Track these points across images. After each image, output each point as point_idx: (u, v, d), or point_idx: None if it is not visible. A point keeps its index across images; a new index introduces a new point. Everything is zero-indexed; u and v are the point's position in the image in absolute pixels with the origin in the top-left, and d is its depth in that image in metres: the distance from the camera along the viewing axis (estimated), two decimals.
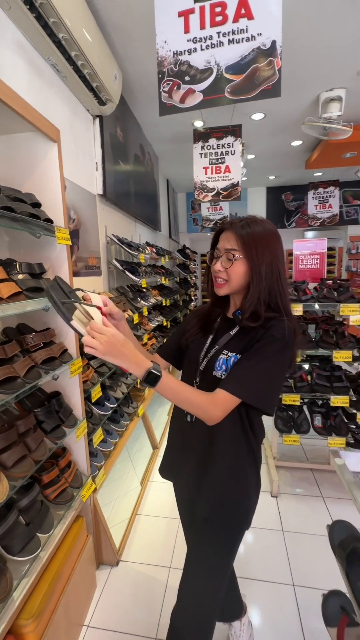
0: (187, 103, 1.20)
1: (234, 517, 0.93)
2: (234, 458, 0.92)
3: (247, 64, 1.10)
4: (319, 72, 2.65)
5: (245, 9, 1.09)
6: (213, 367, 0.90)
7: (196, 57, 1.16)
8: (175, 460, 1.05)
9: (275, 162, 5.00)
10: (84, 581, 1.46)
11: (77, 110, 2.17)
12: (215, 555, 0.95)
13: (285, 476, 2.35)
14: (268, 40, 1.09)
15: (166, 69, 1.22)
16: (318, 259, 2.19)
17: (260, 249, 0.85)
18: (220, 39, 1.12)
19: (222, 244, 0.90)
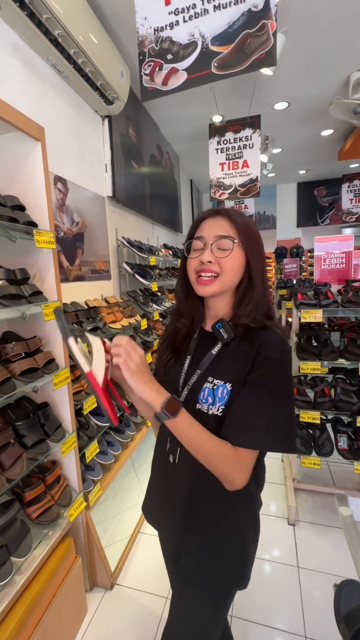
0: (170, 85, 1.07)
1: (226, 575, 0.78)
2: (227, 504, 0.75)
3: (236, 32, 0.94)
4: (348, 50, 2.38)
5: None
6: (196, 399, 0.73)
7: (178, 30, 1.03)
8: (158, 506, 0.88)
9: (305, 155, 4.67)
10: (70, 605, 1.37)
11: (83, 111, 2.12)
12: (201, 619, 0.81)
13: (306, 501, 2.10)
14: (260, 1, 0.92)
15: (147, 48, 1.10)
16: (344, 259, 1.93)
17: (255, 242, 0.74)
18: (204, 5, 0.97)
19: (211, 231, 0.73)
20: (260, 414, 0.66)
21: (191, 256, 0.75)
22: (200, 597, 0.80)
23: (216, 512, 0.76)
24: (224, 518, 0.77)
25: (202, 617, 0.80)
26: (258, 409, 0.66)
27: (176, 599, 0.86)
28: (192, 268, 0.75)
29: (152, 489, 0.92)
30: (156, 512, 0.89)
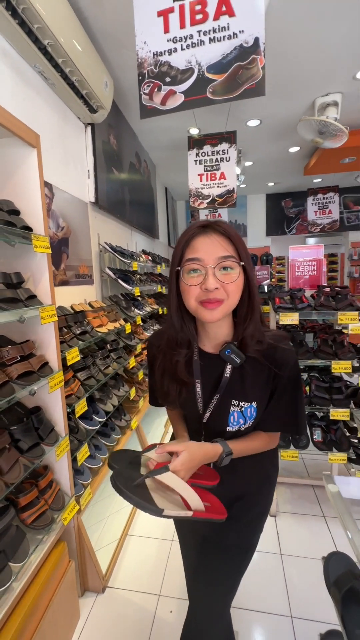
0: (168, 105, 1.16)
1: (258, 534, 0.95)
2: (260, 478, 0.92)
3: (229, 63, 1.05)
4: (314, 77, 2.62)
5: (226, 6, 1.05)
6: (227, 423, 0.79)
7: (176, 57, 1.12)
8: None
9: (274, 169, 4.97)
10: (64, 611, 1.37)
11: (68, 118, 2.15)
12: (236, 573, 0.92)
13: (285, 493, 2.24)
14: (251, 38, 1.04)
15: (146, 70, 1.18)
16: (315, 266, 2.11)
17: (247, 251, 0.72)
18: (200, 37, 1.08)
19: (209, 252, 0.66)
20: (283, 414, 0.80)
21: (190, 283, 0.67)
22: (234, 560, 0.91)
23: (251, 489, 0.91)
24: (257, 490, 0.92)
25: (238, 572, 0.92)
26: (282, 411, 0.80)
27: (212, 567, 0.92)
28: (192, 297, 0.68)
29: None
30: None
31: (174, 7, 1.09)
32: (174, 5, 1.09)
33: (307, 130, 2.87)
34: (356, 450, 1.97)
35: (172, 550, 1.81)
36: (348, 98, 2.87)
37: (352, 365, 1.88)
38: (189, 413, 0.83)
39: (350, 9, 1.93)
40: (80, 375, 1.75)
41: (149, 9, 1.13)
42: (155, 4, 1.12)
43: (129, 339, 2.55)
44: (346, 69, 2.54)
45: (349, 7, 1.92)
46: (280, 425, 0.83)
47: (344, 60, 2.43)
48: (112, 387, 2.24)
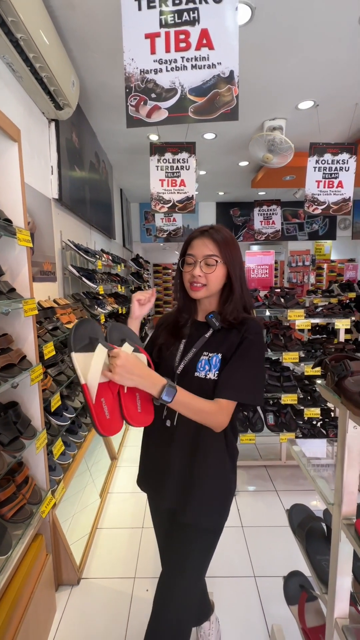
0: (153, 118, 1.27)
1: (222, 516, 0.98)
2: (218, 457, 0.95)
3: (209, 88, 1.21)
4: (263, 102, 2.94)
5: (207, 40, 1.20)
6: (195, 369, 0.92)
7: (162, 77, 1.24)
8: (153, 471, 1.03)
9: (225, 180, 5.33)
10: (43, 605, 1.37)
11: (33, 112, 2.11)
12: (202, 557, 0.97)
13: (242, 475, 2.46)
14: (227, 70, 1.21)
15: (133, 84, 1.27)
16: (267, 270, 2.38)
17: (234, 253, 0.94)
18: (184, 63, 1.22)
19: (200, 250, 0.92)
20: (244, 376, 0.88)
21: (185, 270, 0.96)
22: (202, 538, 0.96)
23: (210, 466, 0.94)
24: (216, 470, 0.95)
25: (204, 557, 0.98)
26: (243, 372, 0.88)
27: (178, 549, 0.97)
28: (186, 279, 0.96)
29: (147, 458, 1.06)
30: (153, 478, 1.03)
31: (161, 33, 1.21)
32: (161, 31, 1.21)
33: (259, 147, 3.19)
34: (302, 430, 2.28)
35: (143, 538, 1.89)
36: (291, 124, 3.27)
37: (299, 356, 2.18)
38: (165, 367, 0.97)
39: (297, 50, 2.25)
40: (51, 371, 1.75)
41: (138, 30, 1.23)
42: (143, 27, 1.22)
43: None
44: (290, 99, 2.91)
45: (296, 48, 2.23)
46: (236, 391, 0.87)
47: (289, 91, 2.78)
48: (77, 385, 2.24)
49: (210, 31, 1.21)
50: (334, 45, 2.21)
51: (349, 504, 0.76)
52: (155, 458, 1.02)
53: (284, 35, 2.11)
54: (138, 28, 1.23)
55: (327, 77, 2.58)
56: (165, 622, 0.91)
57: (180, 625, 0.92)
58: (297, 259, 6.96)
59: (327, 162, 3.02)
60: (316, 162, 3.02)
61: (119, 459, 2.74)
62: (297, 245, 7.03)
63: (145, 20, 1.21)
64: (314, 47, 2.23)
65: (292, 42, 2.17)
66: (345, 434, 0.73)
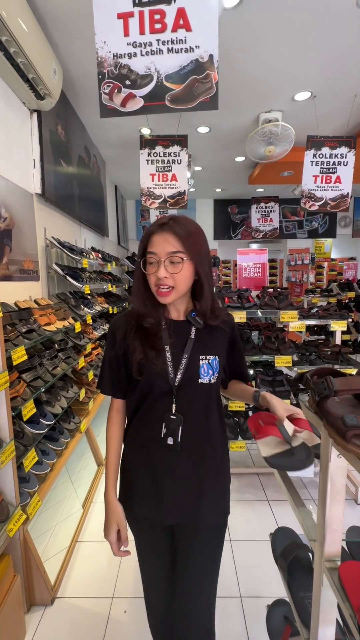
0: (128, 107, 1.16)
1: (225, 513, 0.96)
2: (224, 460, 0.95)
3: (186, 75, 1.10)
4: (258, 94, 2.82)
5: (184, 20, 1.09)
6: (198, 375, 0.87)
7: (136, 61, 1.13)
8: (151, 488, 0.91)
9: (221, 176, 5.21)
10: (9, 630, 1.27)
11: (10, 102, 2.00)
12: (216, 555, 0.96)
13: (233, 483, 2.34)
14: (206, 54, 1.10)
15: (106, 70, 1.16)
16: (260, 269, 2.27)
17: (199, 245, 0.83)
18: (159, 46, 1.10)
19: (161, 248, 0.80)
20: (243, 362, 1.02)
21: (148, 272, 0.83)
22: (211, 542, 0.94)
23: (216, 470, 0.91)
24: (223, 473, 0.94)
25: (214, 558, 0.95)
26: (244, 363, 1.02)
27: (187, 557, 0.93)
28: (152, 282, 0.84)
29: (136, 476, 0.93)
30: (146, 497, 0.91)
31: (134, 12, 1.10)
32: (134, 10, 1.10)
33: (257, 144, 3.06)
34: None
35: None
36: (287, 116, 3.14)
37: (292, 359, 2.07)
38: (158, 383, 0.86)
39: (291, 35, 2.13)
40: (26, 377, 1.64)
41: (109, 10, 1.12)
42: (115, 5, 1.11)
43: (78, 339, 2.46)
44: (286, 90, 2.78)
45: (291, 33, 2.11)
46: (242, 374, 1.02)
47: (285, 82, 2.66)
48: (60, 389, 2.14)
49: (188, 10, 1.09)
50: (331, 31, 2.09)
51: (333, 543, 0.65)
52: (151, 477, 0.90)
53: (277, 20, 1.99)
54: (109, 7, 1.11)
55: (325, 66, 2.45)
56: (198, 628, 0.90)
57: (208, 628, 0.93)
58: (297, 257, 6.83)
59: (325, 156, 2.90)
60: (313, 155, 2.90)
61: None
62: (296, 243, 6.89)
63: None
64: (309, 33, 2.10)
65: (286, 27, 2.05)
66: (328, 463, 0.62)
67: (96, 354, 2.79)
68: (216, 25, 1.10)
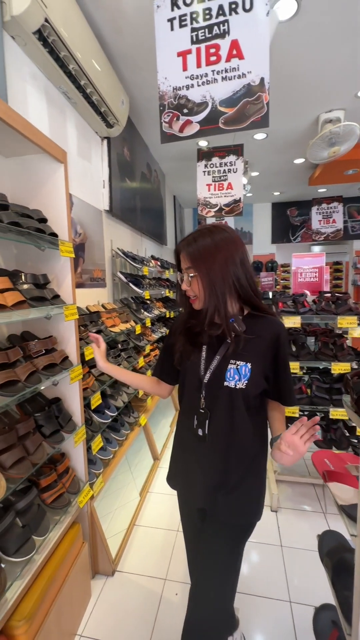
0: (185, 132, 1.30)
1: (256, 515, 1.00)
2: (255, 461, 0.97)
3: (239, 98, 1.19)
4: (318, 94, 2.76)
5: (237, 50, 1.19)
6: (224, 378, 0.93)
7: (193, 92, 1.26)
8: (185, 470, 1.05)
9: (280, 179, 5.12)
10: (78, 589, 1.47)
11: (86, 133, 2.31)
12: (233, 554, 0.99)
13: (286, 491, 2.32)
14: (257, 77, 1.18)
15: (166, 102, 1.32)
16: (317, 273, 2.23)
17: (210, 260, 0.88)
18: (214, 76, 1.22)
19: (182, 264, 0.96)
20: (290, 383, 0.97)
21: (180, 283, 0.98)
22: (231, 537, 0.98)
23: (244, 467, 0.96)
24: (252, 473, 0.97)
25: (232, 553, 0.98)
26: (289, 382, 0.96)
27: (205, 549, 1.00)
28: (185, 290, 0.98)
29: (178, 459, 1.10)
30: (183, 478, 1.07)
31: (192, 49, 1.24)
32: (192, 48, 1.24)
33: (320, 148, 2.99)
34: (355, 449, 2.06)
35: (177, 541, 1.91)
36: (351, 114, 3.00)
37: (351, 367, 1.98)
38: (191, 376, 0.99)
39: (352, 34, 2.07)
40: (94, 371, 1.87)
41: (170, 50, 1.28)
42: (175, 46, 1.27)
43: (138, 340, 2.67)
44: (349, 87, 2.68)
45: (351, 32, 2.06)
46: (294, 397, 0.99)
47: (347, 79, 2.57)
48: (122, 385, 2.36)
49: (241, 41, 1.19)
50: None
51: None
52: (187, 460, 1.05)
53: (336, 22, 1.96)
54: (170, 47, 1.27)
55: None
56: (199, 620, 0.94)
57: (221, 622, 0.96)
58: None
59: None
60: None
61: (161, 460, 2.79)
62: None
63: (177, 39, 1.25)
64: None
65: (346, 27, 2.01)
66: None
67: (154, 355, 2.99)
68: (267, 51, 1.18)
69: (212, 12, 1.25)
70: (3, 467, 1.10)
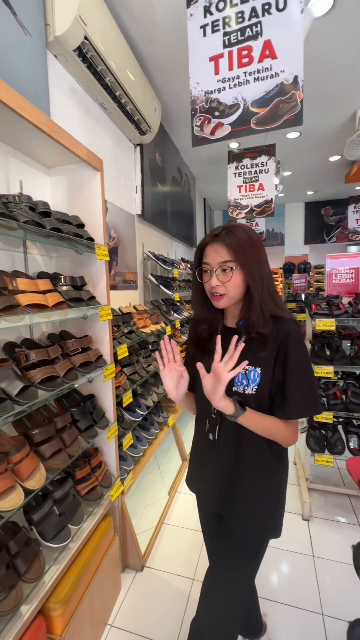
0: (216, 135, 1.31)
1: (269, 529, 0.94)
2: (264, 471, 0.92)
3: (271, 98, 1.19)
4: (354, 89, 2.66)
5: (269, 50, 1.19)
6: (232, 383, 0.90)
7: (225, 94, 1.27)
8: (200, 475, 1.05)
9: (313, 178, 4.96)
10: (109, 580, 1.52)
11: (120, 141, 2.40)
12: (244, 566, 0.95)
13: (319, 500, 2.23)
14: (290, 76, 1.16)
15: (198, 106, 1.34)
16: (353, 274, 2.14)
17: (250, 253, 0.85)
18: (246, 77, 1.22)
19: (213, 258, 0.87)
20: (303, 389, 0.86)
21: (204, 280, 0.91)
22: (242, 548, 0.95)
23: (254, 477, 0.92)
24: (260, 481, 0.93)
25: (242, 566, 0.95)
26: (302, 390, 0.85)
27: (218, 554, 1.01)
28: (207, 289, 0.92)
29: (194, 462, 1.10)
30: (198, 481, 1.06)
31: (224, 53, 1.26)
32: (224, 52, 1.26)
33: (358, 145, 2.88)
34: None
35: None
36: None
37: None
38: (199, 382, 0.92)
39: None
40: (126, 371, 1.93)
41: (202, 55, 1.30)
42: (207, 51, 1.29)
43: None
44: None
45: None
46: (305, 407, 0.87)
47: None
48: (151, 385, 2.41)
49: (274, 41, 1.18)
50: None
51: None
52: (201, 464, 1.05)
53: None
54: (202, 53, 1.29)
55: None
56: (208, 626, 0.91)
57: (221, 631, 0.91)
58: None
59: None
60: None
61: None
62: None
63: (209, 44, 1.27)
64: None
65: None
66: None
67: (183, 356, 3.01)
68: (301, 48, 1.16)
69: (245, 15, 1.26)
70: (43, 457, 1.18)
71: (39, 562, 1.10)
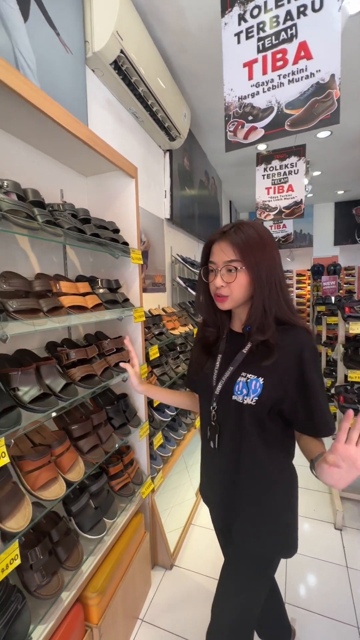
0: (250, 139, 1.32)
1: (275, 545, 0.88)
2: (265, 484, 0.86)
3: (307, 99, 1.18)
4: None
5: (305, 51, 1.18)
6: (232, 391, 0.84)
7: (258, 99, 1.28)
8: (208, 486, 1.01)
9: (344, 177, 4.82)
10: (140, 576, 1.55)
11: (150, 147, 2.47)
12: (249, 582, 0.89)
13: (352, 509, 2.16)
14: (327, 75, 1.15)
15: (232, 112, 1.36)
16: None
17: (259, 254, 0.79)
18: (280, 80, 1.22)
19: (219, 257, 0.81)
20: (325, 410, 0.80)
21: (209, 280, 0.85)
22: (246, 565, 0.89)
23: (255, 487, 0.86)
24: (262, 492, 0.86)
25: (248, 583, 0.89)
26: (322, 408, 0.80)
27: (226, 567, 0.94)
28: (211, 289, 0.86)
29: (202, 471, 1.05)
30: (208, 492, 1.01)
31: (258, 58, 1.27)
32: (258, 57, 1.27)
33: None
34: None
35: None
36: None
37: None
38: (204, 387, 0.91)
39: None
40: (156, 371, 1.98)
41: (236, 61, 1.32)
42: (241, 57, 1.31)
43: None
44: None
45: None
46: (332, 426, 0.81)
47: None
48: (180, 386, 2.44)
49: (309, 42, 1.18)
50: None
51: None
52: (207, 473, 1.01)
53: None
54: (236, 59, 1.31)
55: None
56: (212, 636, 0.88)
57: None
58: None
59: None
60: None
61: None
62: None
63: (243, 50, 1.29)
64: None
65: None
66: None
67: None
68: (338, 47, 1.15)
69: (280, 19, 1.26)
70: (81, 451, 1.23)
71: (77, 552, 1.16)
